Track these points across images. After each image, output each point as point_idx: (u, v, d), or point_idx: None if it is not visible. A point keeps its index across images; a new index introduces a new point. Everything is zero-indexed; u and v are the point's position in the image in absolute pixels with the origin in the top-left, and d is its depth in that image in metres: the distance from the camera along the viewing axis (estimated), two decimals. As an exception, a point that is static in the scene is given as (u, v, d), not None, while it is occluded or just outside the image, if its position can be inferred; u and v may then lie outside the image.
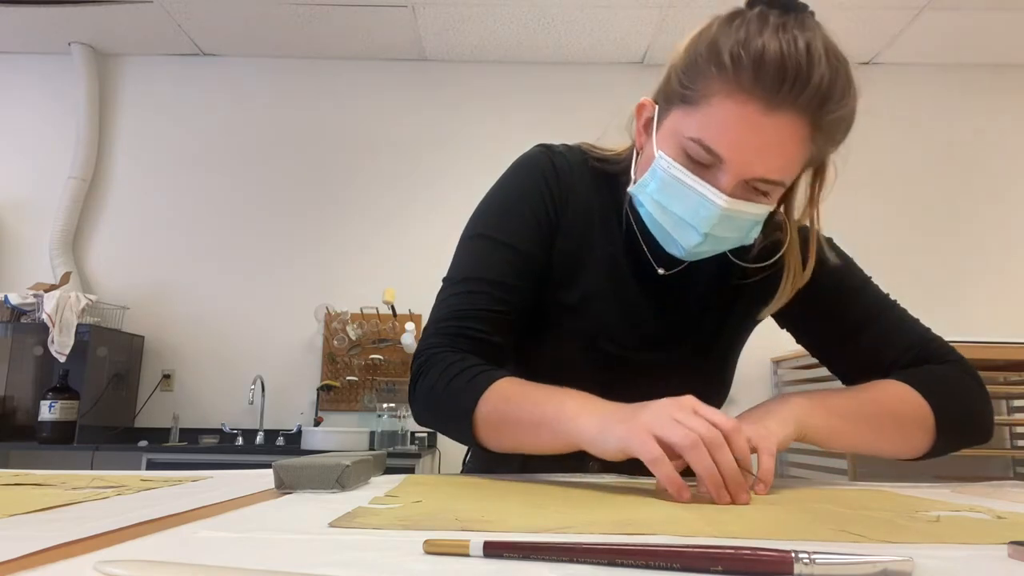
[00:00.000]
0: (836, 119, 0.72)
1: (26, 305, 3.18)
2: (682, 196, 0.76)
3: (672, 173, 0.76)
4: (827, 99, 0.69)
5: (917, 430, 0.81)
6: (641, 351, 0.90)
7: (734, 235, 0.78)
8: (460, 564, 0.36)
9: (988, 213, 3.59)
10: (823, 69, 0.68)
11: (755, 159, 0.72)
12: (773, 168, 0.72)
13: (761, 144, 0.71)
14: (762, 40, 0.68)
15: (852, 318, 0.88)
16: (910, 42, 3.49)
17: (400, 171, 3.65)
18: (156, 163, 3.69)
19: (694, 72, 0.73)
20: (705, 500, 0.60)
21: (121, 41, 3.66)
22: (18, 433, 3.25)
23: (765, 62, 0.68)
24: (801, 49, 0.68)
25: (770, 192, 0.75)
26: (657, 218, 0.80)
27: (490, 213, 0.90)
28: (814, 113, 0.70)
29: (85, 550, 0.37)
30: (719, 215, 0.74)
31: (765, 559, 0.34)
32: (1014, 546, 0.39)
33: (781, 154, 0.72)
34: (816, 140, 0.73)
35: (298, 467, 0.63)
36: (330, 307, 3.48)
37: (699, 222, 0.75)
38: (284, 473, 0.63)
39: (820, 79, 0.68)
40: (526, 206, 0.88)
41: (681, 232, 0.78)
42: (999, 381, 3.28)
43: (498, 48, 3.64)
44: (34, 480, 0.69)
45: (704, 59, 0.72)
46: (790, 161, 0.73)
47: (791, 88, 0.68)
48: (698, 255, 0.81)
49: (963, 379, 0.85)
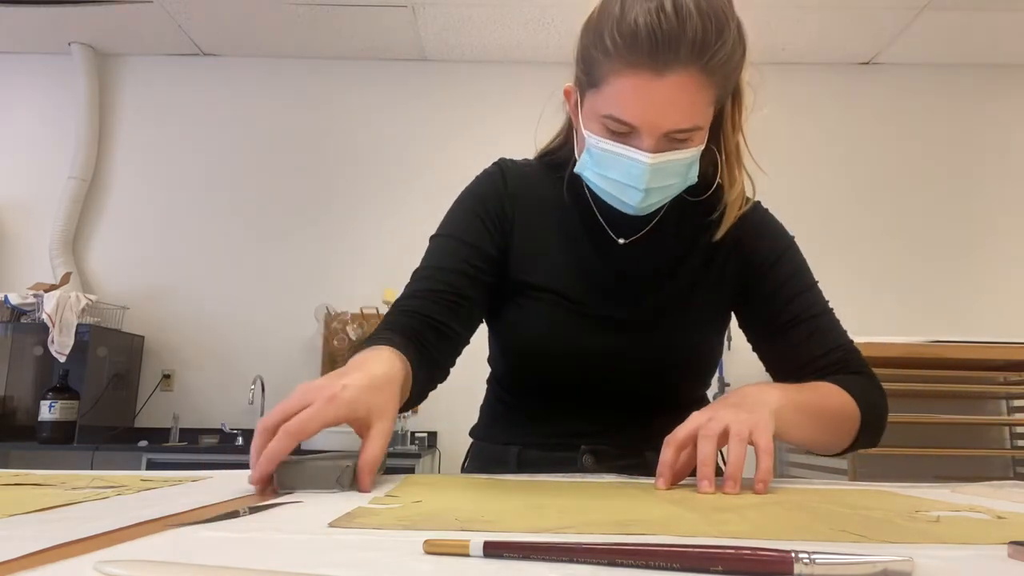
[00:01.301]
0: (721, 58, 0.78)
1: (26, 305, 3.18)
2: (615, 164, 0.84)
3: (601, 147, 0.85)
4: (705, 46, 0.76)
5: (848, 430, 0.89)
6: (606, 306, 0.95)
7: (674, 181, 0.86)
8: (460, 564, 0.36)
9: (988, 213, 3.59)
10: (694, 21, 0.75)
11: (660, 118, 0.80)
12: (678, 120, 0.80)
13: (661, 104, 0.79)
14: (632, 15, 0.76)
15: (792, 312, 0.95)
16: (910, 42, 3.49)
17: (400, 171, 3.65)
18: (156, 163, 3.70)
19: (589, 60, 0.83)
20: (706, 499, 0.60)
21: (121, 41, 3.66)
22: (18, 433, 3.25)
23: (639, 36, 0.76)
24: (669, 11, 0.75)
25: (689, 138, 0.83)
26: (603, 187, 0.88)
27: (445, 218, 1.00)
28: (698, 61, 0.77)
29: (85, 550, 0.37)
30: (649, 170, 0.82)
31: (765, 559, 0.34)
32: (1014, 546, 0.39)
33: (681, 107, 0.80)
34: (712, 80, 0.80)
35: (298, 467, 0.64)
36: (330, 307, 3.48)
37: (635, 181, 0.84)
38: (284, 473, 0.63)
39: (693, 32, 0.75)
40: (473, 206, 0.98)
41: (625, 194, 0.86)
42: (999, 381, 3.28)
43: (498, 48, 3.64)
44: (34, 480, 0.69)
45: (592, 46, 0.81)
46: (692, 109, 0.80)
47: (668, 50, 0.76)
48: (650, 207, 0.89)
49: (877, 390, 0.93)
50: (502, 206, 0.97)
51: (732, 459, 0.68)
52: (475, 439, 1.08)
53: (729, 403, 0.75)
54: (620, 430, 0.94)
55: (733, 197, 0.92)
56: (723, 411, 0.71)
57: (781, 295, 0.96)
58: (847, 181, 3.59)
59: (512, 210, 0.98)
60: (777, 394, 0.79)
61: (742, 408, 0.73)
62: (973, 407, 3.35)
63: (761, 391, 0.79)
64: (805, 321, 0.95)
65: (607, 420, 0.95)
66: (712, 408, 0.74)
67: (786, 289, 0.96)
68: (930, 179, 3.63)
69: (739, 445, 0.68)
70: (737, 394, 0.79)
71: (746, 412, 0.71)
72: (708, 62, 0.77)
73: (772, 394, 0.78)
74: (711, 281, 0.97)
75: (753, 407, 0.74)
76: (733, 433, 0.68)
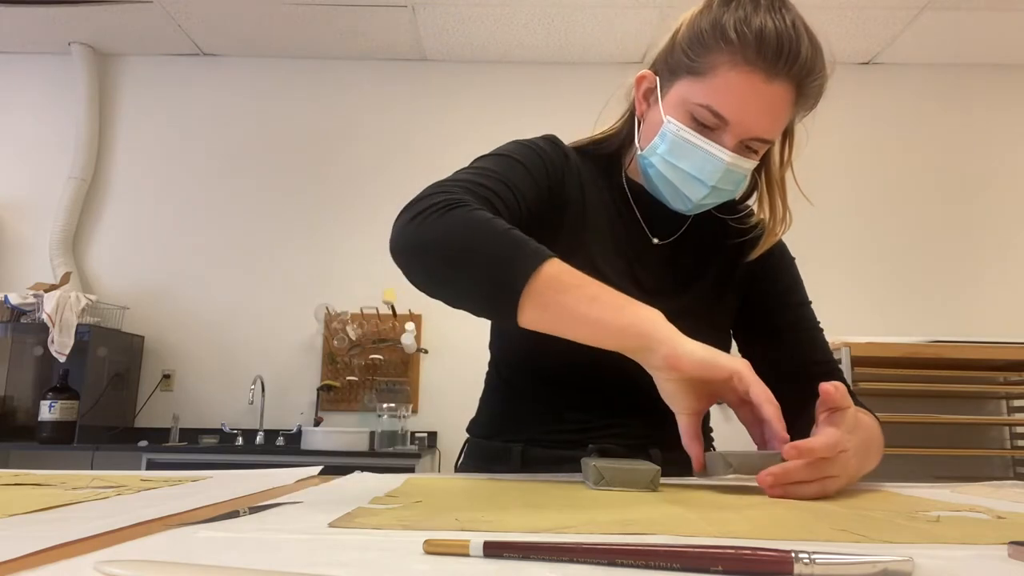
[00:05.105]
0: (816, 87, 0.84)
1: (26, 305, 3.18)
2: (691, 154, 0.86)
3: (682, 135, 0.86)
4: (812, 70, 0.82)
5: (877, 458, 0.87)
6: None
7: (731, 188, 0.89)
8: (460, 564, 0.36)
9: (988, 213, 3.59)
10: (807, 44, 0.81)
11: (755, 122, 0.83)
12: (768, 129, 0.84)
13: (760, 108, 0.82)
14: (760, 18, 0.80)
15: (785, 321, 0.99)
16: (910, 42, 3.49)
17: (400, 171, 3.65)
18: (156, 163, 3.70)
19: (699, 47, 0.83)
20: (710, 502, 0.60)
21: (121, 41, 3.66)
22: (18, 433, 3.25)
23: (765, 37, 0.79)
24: (790, 26, 0.80)
25: (759, 150, 0.87)
26: (667, 176, 0.89)
27: (505, 147, 0.93)
28: (801, 82, 0.82)
29: (85, 550, 0.37)
30: (724, 169, 0.85)
31: (765, 559, 0.34)
32: (1014, 546, 0.39)
33: (775, 117, 0.84)
34: (798, 105, 0.85)
35: (615, 468, 0.69)
36: (330, 307, 3.48)
37: (706, 176, 0.86)
38: (605, 471, 0.68)
39: (807, 53, 0.81)
40: (534, 153, 0.92)
41: (690, 187, 0.88)
42: (999, 381, 3.28)
43: (498, 48, 3.64)
44: (34, 480, 0.69)
45: (709, 35, 0.82)
46: (780, 123, 0.85)
47: (786, 60, 0.80)
48: (702, 207, 0.91)
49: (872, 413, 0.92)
50: (563, 172, 0.95)
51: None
52: (473, 436, 1.05)
53: (855, 437, 0.72)
54: (627, 427, 0.93)
55: (777, 228, 0.96)
56: (852, 443, 0.69)
57: (782, 302, 1.00)
58: (847, 181, 3.59)
59: (571, 183, 0.95)
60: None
61: (859, 453, 0.71)
62: (973, 407, 3.35)
63: (868, 434, 0.77)
64: (805, 331, 0.99)
65: (615, 417, 0.94)
66: (845, 431, 0.69)
67: (787, 297, 1.00)
68: (930, 179, 3.63)
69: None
70: (860, 426, 0.75)
71: (857, 461, 0.70)
72: (807, 85, 0.83)
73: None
74: (730, 286, 1.01)
75: (862, 456, 0.73)
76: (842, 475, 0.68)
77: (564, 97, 3.63)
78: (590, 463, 0.71)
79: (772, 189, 0.95)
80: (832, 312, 1.08)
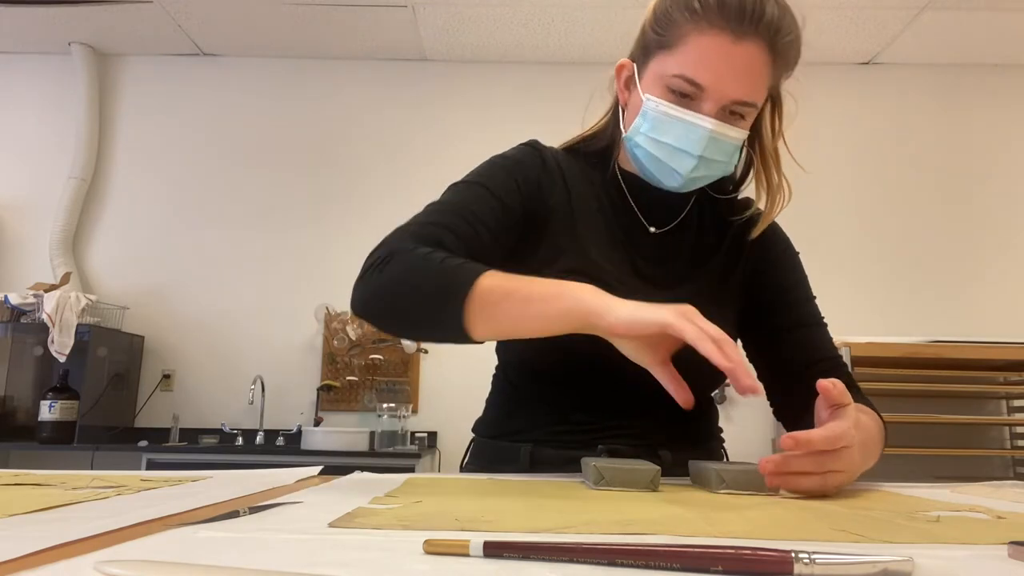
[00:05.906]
0: (788, 44, 0.85)
1: (26, 305, 3.18)
2: (673, 127, 0.86)
3: (661, 110, 0.86)
4: (780, 28, 0.83)
5: (877, 454, 0.87)
6: (636, 293, 0.92)
7: (722, 159, 0.88)
8: (460, 564, 0.36)
9: (988, 213, 3.59)
10: (772, 3, 0.82)
11: (730, 83, 0.83)
12: (746, 90, 0.84)
13: (734, 69, 0.83)
14: None
15: (792, 317, 0.99)
16: (910, 42, 3.49)
17: (400, 171, 3.65)
18: (156, 163, 3.70)
19: (667, 21, 0.86)
20: (703, 503, 0.60)
21: (121, 41, 3.66)
22: (18, 433, 3.25)
23: (727, 1, 0.81)
24: None
25: (745, 115, 0.87)
26: (653, 152, 0.89)
27: (472, 172, 0.96)
28: (771, 39, 0.83)
29: (85, 550, 0.37)
30: (708, 136, 0.85)
31: (765, 559, 0.34)
32: (1014, 546, 0.39)
33: (751, 77, 0.84)
34: (775, 64, 0.86)
35: (615, 468, 0.70)
36: (330, 307, 3.48)
37: (692, 146, 0.86)
38: (605, 471, 0.69)
39: (772, 11, 0.82)
40: (509, 167, 0.95)
41: (677, 160, 0.88)
42: (999, 381, 3.28)
43: (498, 48, 3.64)
44: (34, 480, 0.70)
45: (675, 9, 0.85)
46: (758, 83, 0.86)
47: (751, 19, 0.81)
48: (695, 181, 0.90)
49: (876, 410, 0.92)
50: (539, 180, 0.96)
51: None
52: (480, 436, 1.04)
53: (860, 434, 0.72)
54: (636, 427, 0.93)
55: (776, 198, 0.96)
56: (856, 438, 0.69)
57: (786, 299, 1.00)
58: (846, 181, 3.59)
59: (550, 187, 0.96)
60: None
61: (860, 450, 0.72)
62: (973, 407, 3.35)
63: (867, 433, 0.77)
64: (810, 326, 0.99)
65: (623, 418, 0.93)
66: (852, 427, 0.69)
67: (791, 294, 1.00)
68: (930, 178, 3.63)
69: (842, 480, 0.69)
70: (860, 425, 0.74)
71: (861, 459, 0.71)
72: (778, 42, 0.83)
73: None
74: (734, 277, 1.00)
75: (863, 453, 0.73)
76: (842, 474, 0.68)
77: (564, 97, 3.61)
78: (590, 463, 0.71)
79: (766, 161, 0.96)
80: (832, 312, 1.07)
